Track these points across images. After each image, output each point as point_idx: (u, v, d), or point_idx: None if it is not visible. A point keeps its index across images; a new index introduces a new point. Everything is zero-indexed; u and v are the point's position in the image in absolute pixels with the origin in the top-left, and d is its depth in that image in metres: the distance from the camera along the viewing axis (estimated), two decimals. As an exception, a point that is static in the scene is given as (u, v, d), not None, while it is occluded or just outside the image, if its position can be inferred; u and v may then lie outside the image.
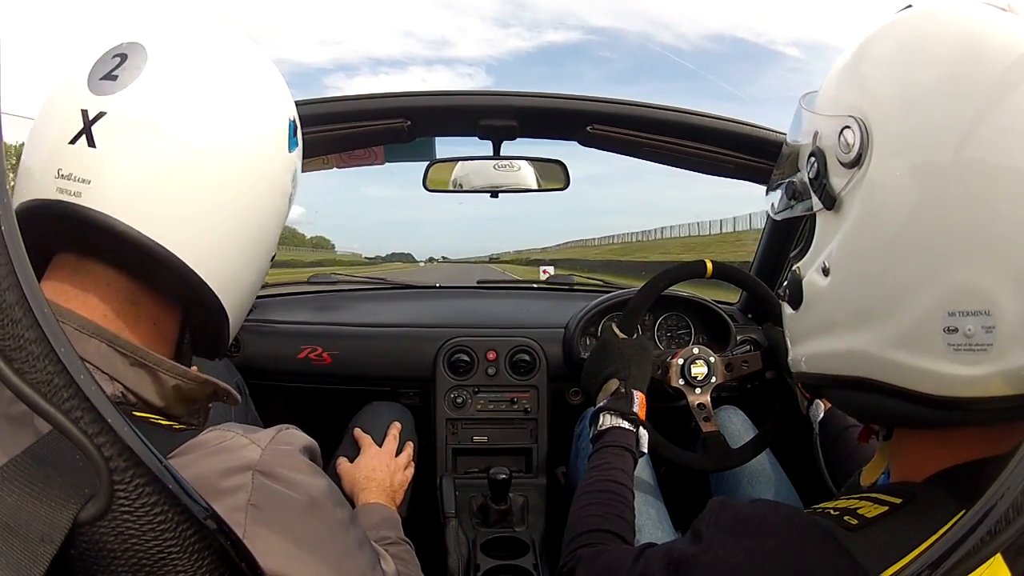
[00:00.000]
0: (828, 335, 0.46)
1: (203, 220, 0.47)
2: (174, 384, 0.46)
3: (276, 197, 0.54)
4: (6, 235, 0.30)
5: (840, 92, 0.46)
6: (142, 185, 0.44)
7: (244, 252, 0.51)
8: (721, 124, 1.08)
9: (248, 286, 0.54)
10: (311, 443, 0.48)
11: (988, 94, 0.38)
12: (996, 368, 0.37)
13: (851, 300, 0.44)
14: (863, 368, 0.43)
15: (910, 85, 0.41)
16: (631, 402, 0.81)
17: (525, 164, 1.22)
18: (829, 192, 0.45)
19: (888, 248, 0.41)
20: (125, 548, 0.33)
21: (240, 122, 0.49)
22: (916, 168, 0.40)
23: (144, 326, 0.48)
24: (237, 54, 0.51)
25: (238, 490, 0.41)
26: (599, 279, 1.67)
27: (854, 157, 0.43)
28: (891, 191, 0.41)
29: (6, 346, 0.30)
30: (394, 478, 0.89)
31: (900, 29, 0.44)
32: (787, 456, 1.01)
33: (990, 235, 0.37)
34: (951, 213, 0.38)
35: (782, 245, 1.23)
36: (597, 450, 0.78)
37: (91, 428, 0.31)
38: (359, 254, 22.27)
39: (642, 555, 0.53)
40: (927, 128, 0.40)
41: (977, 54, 0.39)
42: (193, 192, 0.46)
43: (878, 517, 0.41)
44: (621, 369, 0.86)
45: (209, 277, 0.48)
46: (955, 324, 0.38)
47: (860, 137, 0.42)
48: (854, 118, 0.43)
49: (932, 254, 0.39)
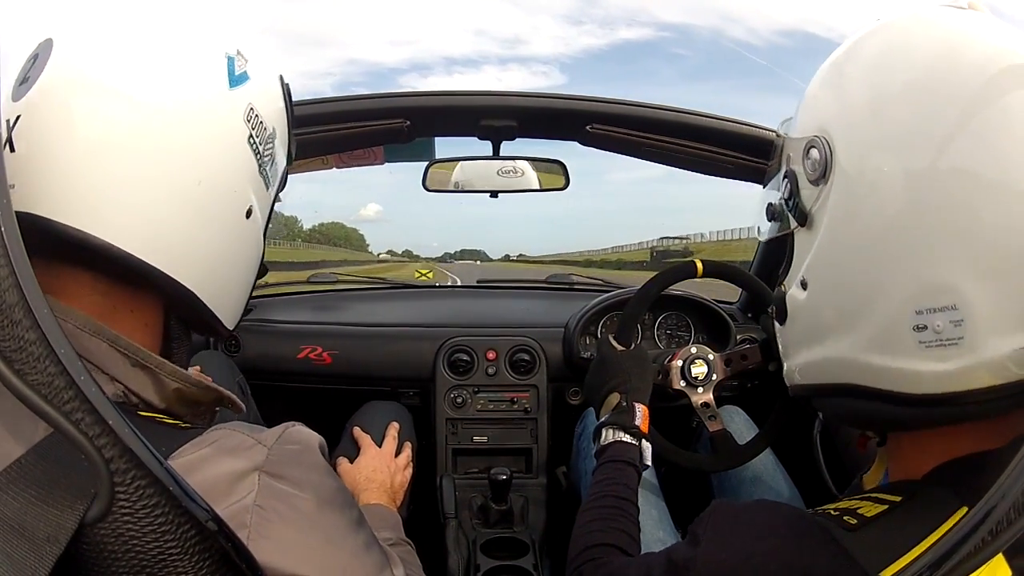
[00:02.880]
0: (812, 346, 0.48)
1: (128, 192, 0.43)
2: (175, 387, 0.46)
3: (219, 145, 0.48)
4: (6, 235, 0.30)
5: (812, 105, 0.48)
6: (59, 176, 0.42)
7: (189, 218, 0.46)
8: (721, 124, 1.08)
9: (214, 256, 0.49)
10: (317, 441, 0.47)
11: (961, 99, 0.39)
12: (971, 361, 0.38)
13: (827, 309, 0.46)
14: (845, 375, 0.45)
15: (883, 89, 0.43)
16: (633, 416, 0.81)
17: (527, 166, 1.22)
18: (801, 209, 0.48)
19: (854, 255, 0.43)
20: (126, 550, 0.33)
21: (156, 65, 0.45)
22: (879, 172, 0.41)
23: (123, 316, 0.46)
24: (154, 5, 0.48)
25: (244, 491, 0.40)
26: (599, 278, 1.67)
27: (819, 173, 0.45)
28: (852, 200, 0.43)
29: (6, 347, 0.30)
30: (395, 479, 0.89)
31: (879, 36, 0.46)
32: (789, 457, 1.00)
33: (950, 233, 0.38)
34: (911, 215, 0.40)
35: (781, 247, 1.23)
36: (600, 465, 0.78)
37: (92, 430, 0.31)
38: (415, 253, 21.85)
39: (643, 562, 0.53)
40: (894, 132, 0.41)
41: (953, 60, 0.40)
42: (112, 164, 0.43)
43: (877, 516, 0.42)
44: (622, 383, 0.86)
45: (150, 255, 0.44)
46: (923, 322, 0.39)
47: (824, 154, 0.45)
48: (818, 137, 0.45)
49: (895, 256, 0.40)
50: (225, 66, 0.48)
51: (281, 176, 0.58)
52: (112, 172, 0.43)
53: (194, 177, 0.46)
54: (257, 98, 0.51)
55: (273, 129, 0.53)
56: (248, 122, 0.50)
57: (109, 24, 0.46)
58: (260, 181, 0.52)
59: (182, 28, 0.48)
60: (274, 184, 0.56)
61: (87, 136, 0.43)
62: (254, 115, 0.50)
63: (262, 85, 0.52)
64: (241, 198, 0.50)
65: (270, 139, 0.53)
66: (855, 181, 0.43)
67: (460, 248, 38.82)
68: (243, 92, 0.49)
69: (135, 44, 0.45)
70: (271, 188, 0.55)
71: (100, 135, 0.43)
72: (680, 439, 0.97)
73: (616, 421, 0.81)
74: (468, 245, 76.63)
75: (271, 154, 0.53)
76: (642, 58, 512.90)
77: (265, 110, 0.52)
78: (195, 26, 0.49)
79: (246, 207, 0.51)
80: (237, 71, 0.49)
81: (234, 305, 0.54)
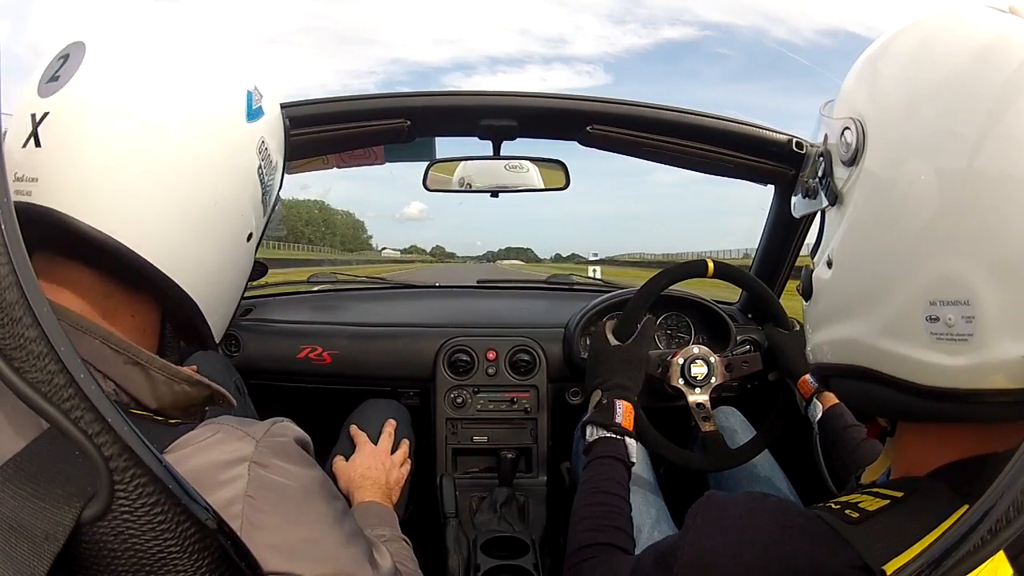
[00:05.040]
0: (833, 324, 0.48)
1: (151, 203, 0.46)
2: (167, 384, 0.47)
3: (235, 172, 0.51)
4: (6, 235, 0.30)
5: (847, 98, 0.49)
6: (87, 177, 0.44)
7: (202, 235, 0.49)
8: (721, 124, 1.08)
9: (216, 271, 0.52)
10: (303, 436, 0.48)
11: (993, 99, 0.39)
12: (980, 359, 0.38)
13: (848, 290, 0.47)
14: (859, 357, 0.45)
15: (916, 86, 0.43)
16: (613, 413, 0.81)
17: (532, 165, 1.23)
18: (832, 189, 0.48)
19: (877, 239, 0.44)
20: (125, 548, 0.33)
21: (185, 95, 0.48)
22: (908, 165, 0.42)
23: (123, 319, 0.48)
24: (183, 31, 0.51)
25: (235, 481, 0.41)
26: (599, 279, 1.67)
27: (852, 155, 0.46)
28: (881, 186, 0.44)
29: (6, 345, 0.30)
30: (389, 475, 0.89)
31: (915, 33, 0.46)
32: (787, 457, 1.01)
33: (970, 227, 0.39)
34: (937, 209, 0.40)
35: (781, 247, 1.23)
36: (588, 463, 0.79)
37: (91, 428, 0.31)
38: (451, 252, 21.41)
39: (634, 558, 0.54)
40: (925, 129, 0.41)
41: (987, 59, 0.40)
42: (139, 176, 0.45)
43: (879, 510, 0.42)
44: (605, 380, 0.86)
45: (163, 264, 0.46)
46: (936, 313, 0.40)
47: (857, 137, 0.45)
48: (853, 119, 0.46)
49: (915, 245, 0.41)
50: (245, 101, 0.52)
51: (275, 201, 0.61)
52: (135, 184, 0.45)
53: (211, 198, 0.49)
54: (268, 132, 0.55)
55: (277, 162, 0.57)
56: (259, 153, 0.54)
57: (141, 41, 0.48)
58: (260, 207, 0.56)
59: (209, 60, 0.51)
60: (268, 209, 0.59)
61: (114, 149, 0.45)
62: (264, 147, 0.54)
63: (272, 119, 0.56)
64: (246, 221, 0.54)
65: (274, 170, 0.57)
66: (884, 173, 0.43)
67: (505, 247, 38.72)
68: (258, 126, 0.53)
69: (164, 69, 0.48)
70: (266, 213, 0.58)
71: (126, 151, 0.45)
72: (681, 439, 0.97)
73: (596, 419, 0.82)
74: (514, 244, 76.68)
75: (272, 183, 0.57)
76: (685, 58, 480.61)
77: (272, 143, 0.56)
78: (221, 59, 0.52)
79: (248, 231, 0.55)
80: (254, 105, 0.53)
81: (224, 317, 0.57)
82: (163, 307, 0.51)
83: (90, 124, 0.45)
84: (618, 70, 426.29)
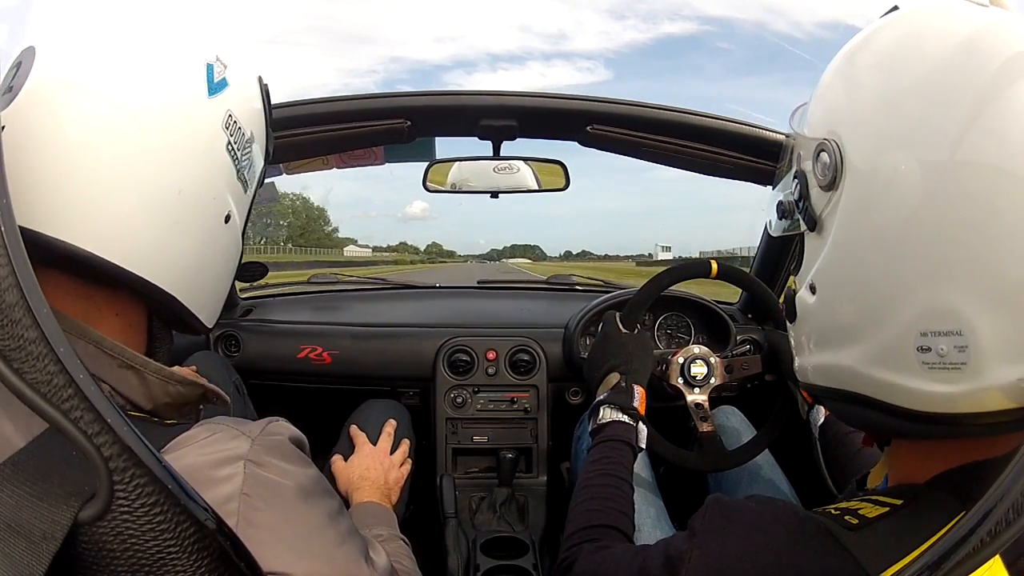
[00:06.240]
0: (822, 350, 0.47)
1: (111, 205, 0.44)
2: (161, 386, 0.47)
3: (198, 155, 0.48)
4: (6, 235, 0.30)
5: (820, 108, 0.47)
6: (43, 186, 0.43)
7: (171, 227, 0.46)
8: (721, 124, 1.08)
9: (195, 261, 0.49)
10: (299, 434, 0.48)
11: (977, 94, 0.38)
12: (975, 385, 0.37)
13: (835, 318, 0.45)
14: (849, 383, 0.44)
15: (896, 80, 0.41)
16: (632, 396, 0.81)
17: (524, 165, 1.22)
18: (811, 214, 0.46)
19: (863, 268, 0.42)
20: (124, 548, 0.33)
21: (137, 85, 0.45)
22: (891, 168, 0.40)
23: (107, 319, 0.47)
24: (130, 17, 0.49)
25: (230, 479, 0.41)
26: (599, 279, 1.67)
27: (829, 179, 0.44)
28: (863, 206, 0.42)
29: (5, 346, 0.30)
30: (388, 476, 0.89)
31: (892, 29, 0.45)
32: (787, 459, 1.00)
33: (959, 257, 0.37)
34: (922, 221, 0.38)
35: (781, 247, 1.23)
36: (597, 444, 0.78)
37: (90, 428, 0.31)
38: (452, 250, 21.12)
39: (640, 552, 0.53)
40: (907, 124, 0.40)
41: (968, 53, 0.39)
42: (94, 178, 0.43)
43: (878, 517, 0.41)
44: (623, 363, 0.86)
45: (134, 264, 0.45)
46: (928, 344, 0.38)
47: (834, 160, 0.43)
48: (828, 141, 0.44)
49: (903, 277, 0.39)
50: (204, 75, 0.49)
51: (259, 176, 0.58)
52: (91, 182, 0.43)
53: (174, 187, 0.46)
54: (236, 104, 0.51)
55: (251, 133, 0.54)
56: (227, 129, 0.50)
57: (89, 31, 0.47)
58: (238, 185, 0.53)
59: (161, 37, 0.48)
60: (252, 186, 0.56)
61: (67, 143, 0.43)
62: (233, 121, 0.51)
63: (241, 90, 0.52)
64: (220, 204, 0.51)
65: (248, 143, 0.53)
66: (866, 182, 0.41)
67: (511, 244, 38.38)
68: (222, 100, 0.50)
69: (114, 52, 0.46)
70: (249, 190, 0.56)
71: (80, 141, 0.43)
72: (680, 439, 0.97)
73: (614, 400, 0.81)
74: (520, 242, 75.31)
75: (249, 158, 0.54)
76: (687, 53, 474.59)
77: (244, 115, 0.52)
78: (174, 35, 0.49)
79: (225, 212, 0.52)
80: (216, 78, 0.50)
81: (213, 305, 0.55)
82: (146, 302, 0.50)
83: (40, 132, 0.43)
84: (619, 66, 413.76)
